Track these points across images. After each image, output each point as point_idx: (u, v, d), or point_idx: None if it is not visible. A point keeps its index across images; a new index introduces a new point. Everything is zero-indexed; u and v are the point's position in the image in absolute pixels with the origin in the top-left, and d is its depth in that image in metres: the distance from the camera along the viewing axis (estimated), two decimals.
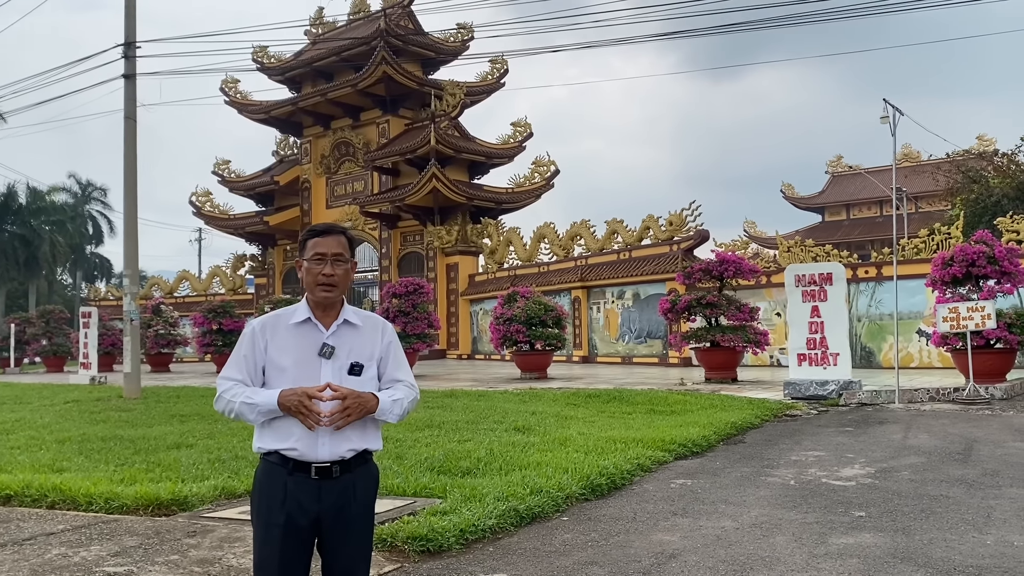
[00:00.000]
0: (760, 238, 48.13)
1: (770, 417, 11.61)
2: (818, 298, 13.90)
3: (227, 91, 39.51)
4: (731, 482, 7.24)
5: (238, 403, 2.75)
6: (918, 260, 19.73)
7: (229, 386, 2.80)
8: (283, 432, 2.75)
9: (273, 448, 2.76)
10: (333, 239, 2.86)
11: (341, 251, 2.85)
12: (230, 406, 2.77)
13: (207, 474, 7.41)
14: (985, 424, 10.71)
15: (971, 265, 14.48)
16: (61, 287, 66.66)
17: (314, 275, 2.82)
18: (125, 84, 18.17)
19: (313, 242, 2.85)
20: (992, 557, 4.81)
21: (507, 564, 4.86)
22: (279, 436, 2.75)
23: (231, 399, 2.77)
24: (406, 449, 8.54)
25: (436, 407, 12.99)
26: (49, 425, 11.85)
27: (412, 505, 6.08)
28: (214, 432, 10.42)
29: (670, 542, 5.30)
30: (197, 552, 5.09)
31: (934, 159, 45.91)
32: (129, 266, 17.93)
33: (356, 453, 2.79)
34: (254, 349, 2.84)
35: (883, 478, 7.28)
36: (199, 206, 41.64)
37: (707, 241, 25.17)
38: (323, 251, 2.83)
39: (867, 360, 20.84)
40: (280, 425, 2.76)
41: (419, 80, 35.23)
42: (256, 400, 2.73)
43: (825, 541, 5.25)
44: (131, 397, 16.46)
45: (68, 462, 8.31)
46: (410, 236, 35.82)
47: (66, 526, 5.83)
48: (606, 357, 26.85)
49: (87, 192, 63.05)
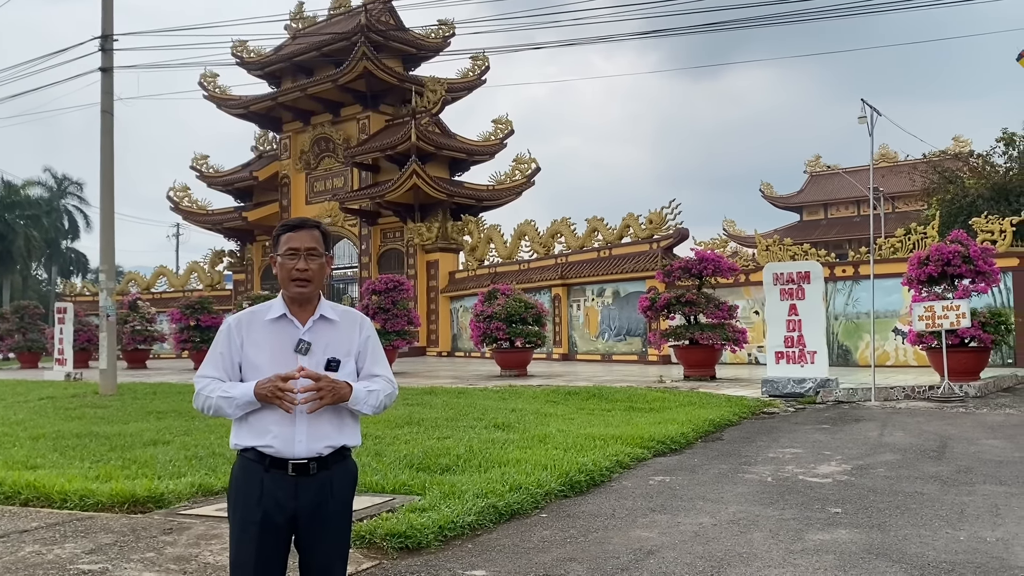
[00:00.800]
0: (739, 237, 48.46)
1: (748, 414, 11.69)
2: (796, 296, 14.00)
3: (206, 85, 39.21)
4: (709, 479, 7.28)
5: (215, 398, 2.73)
6: (895, 259, 19.94)
7: (206, 383, 2.79)
8: (260, 428, 2.73)
9: (250, 445, 2.74)
10: (306, 233, 2.82)
11: (315, 245, 2.82)
12: (208, 402, 2.76)
13: (184, 471, 7.35)
14: (959, 422, 10.84)
15: (946, 264, 14.64)
16: (36, 282, 65.87)
17: (288, 270, 2.79)
18: (102, 77, 17.97)
19: (286, 237, 2.82)
20: (965, 553, 4.87)
21: (486, 561, 4.86)
22: (256, 432, 2.74)
23: (208, 395, 2.75)
24: (385, 446, 8.51)
25: (416, 404, 12.96)
26: (23, 422, 11.71)
27: (391, 502, 6.06)
28: (191, 429, 10.34)
29: (648, 538, 5.32)
30: (173, 550, 5.04)
31: (911, 159, 46.42)
32: (106, 261, 17.74)
33: (333, 449, 2.77)
34: (230, 346, 2.82)
35: (859, 475, 7.35)
36: (177, 201, 41.30)
37: (687, 240, 25.32)
38: (296, 246, 2.80)
39: (844, 358, 21.03)
40: (257, 421, 2.74)
41: (400, 76, 35.13)
42: (233, 393, 2.72)
43: (802, 537, 5.29)
44: (107, 393, 16.30)
45: (42, 459, 8.21)
46: (390, 233, 35.72)
47: (40, 523, 5.76)
48: (586, 355, 26.92)
49: (63, 186, 62.36)
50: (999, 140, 30.39)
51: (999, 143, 30.44)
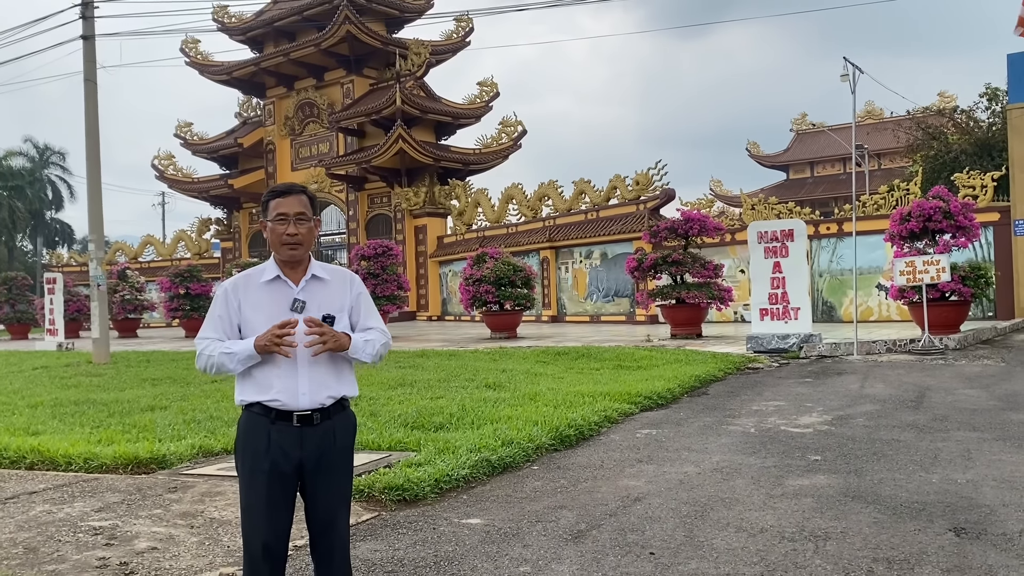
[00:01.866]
0: (726, 196, 48.57)
1: (733, 370, 11.95)
2: (780, 254, 14.21)
3: (187, 51, 38.77)
4: (694, 431, 7.53)
5: (217, 355, 2.89)
6: (878, 216, 20.17)
7: (207, 344, 2.94)
8: (264, 384, 2.89)
9: (256, 399, 2.90)
10: (294, 198, 2.96)
11: (303, 210, 2.95)
12: (211, 360, 2.91)
13: (183, 434, 7.54)
14: (938, 373, 11.14)
15: (927, 220, 14.88)
16: (21, 253, 65.42)
17: (278, 235, 2.93)
18: (84, 45, 17.84)
19: (275, 203, 2.96)
20: (936, 494, 5.12)
21: (480, 510, 5.08)
22: (260, 388, 2.90)
23: (211, 354, 2.91)
24: (380, 407, 8.72)
25: (408, 367, 13.16)
26: (20, 391, 11.85)
27: (388, 458, 6.27)
28: (187, 395, 10.52)
29: (635, 487, 5.55)
30: (179, 506, 5.24)
31: (896, 116, 46.52)
32: (94, 231, 17.77)
33: (335, 400, 2.95)
34: (228, 308, 2.96)
35: (839, 425, 7.61)
36: (162, 170, 41.04)
37: (673, 200, 25.45)
38: (285, 211, 2.93)
39: (828, 315, 21.35)
40: (262, 377, 2.90)
41: (383, 39, 34.83)
42: (234, 349, 2.87)
43: (782, 483, 5.53)
44: (101, 362, 16.43)
45: (43, 425, 8.38)
46: (377, 198, 35.68)
47: (47, 485, 5.95)
48: (575, 316, 27.18)
49: (45, 156, 61.70)
50: (982, 95, 30.53)
51: (982, 98, 30.58)
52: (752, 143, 56.71)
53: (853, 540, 4.26)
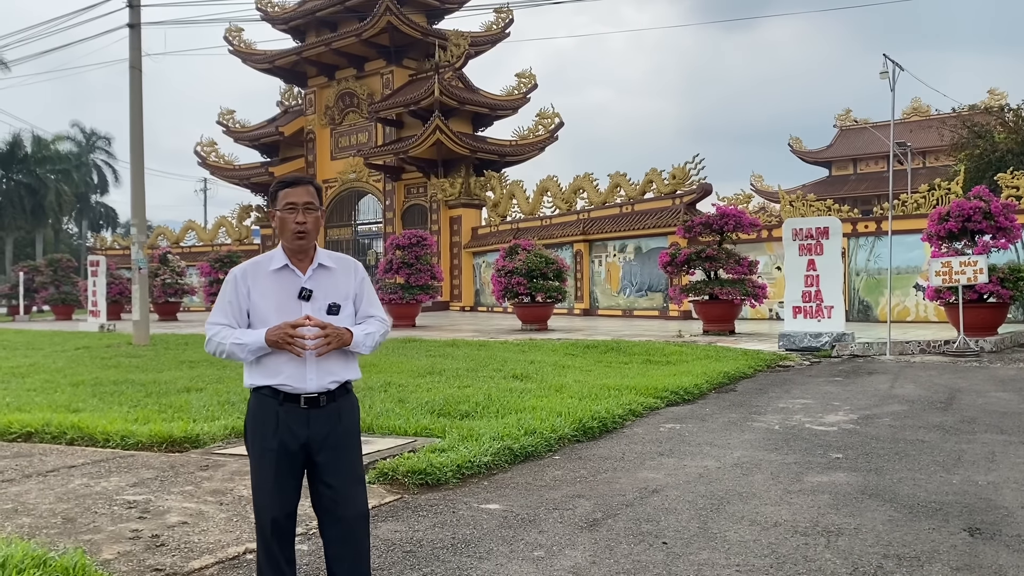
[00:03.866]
0: (767, 192, 48.09)
1: (763, 367, 11.93)
2: (814, 252, 14.12)
3: (231, 40, 39.33)
4: (718, 427, 7.57)
5: (228, 344, 3.00)
6: (917, 215, 19.88)
7: (218, 330, 3.06)
8: (273, 369, 3.02)
9: (265, 384, 3.03)
10: (302, 189, 3.08)
11: (310, 200, 3.07)
12: (220, 347, 3.04)
13: (217, 415, 7.75)
14: (971, 375, 11.02)
15: (967, 220, 14.66)
16: (67, 236, 67.04)
17: (288, 224, 3.05)
18: (130, 33, 18.22)
19: (284, 193, 3.07)
20: (955, 494, 5.12)
21: (500, 496, 5.19)
22: (269, 373, 3.02)
23: (221, 341, 3.03)
24: (408, 394, 8.87)
25: (438, 356, 13.33)
26: (62, 369, 12.22)
27: (413, 444, 6.41)
28: (223, 377, 10.77)
29: (654, 479, 5.62)
30: (210, 484, 5.43)
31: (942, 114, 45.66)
32: (136, 215, 18.18)
33: (339, 384, 3.09)
34: (237, 295, 3.08)
35: (864, 424, 7.59)
36: (204, 156, 41.71)
37: (710, 195, 25.29)
38: (294, 201, 3.05)
39: (865, 314, 21.12)
40: (270, 363, 3.02)
41: (423, 30, 35.02)
42: (245, 340, 2.99)
43: (800, 479, 5.57)
44: (140, 344, 16.84)
45: (83, 403, 8.66)
46: (414, 188, 35.94)
47: (86, 460, 6.18)
48: (607, 310, 27.17)
49: (91, 141, 63.12)
50: None
51: None
52: (795, 139, 56.03)
53: (866, 536, 4.29)
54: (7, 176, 53.39)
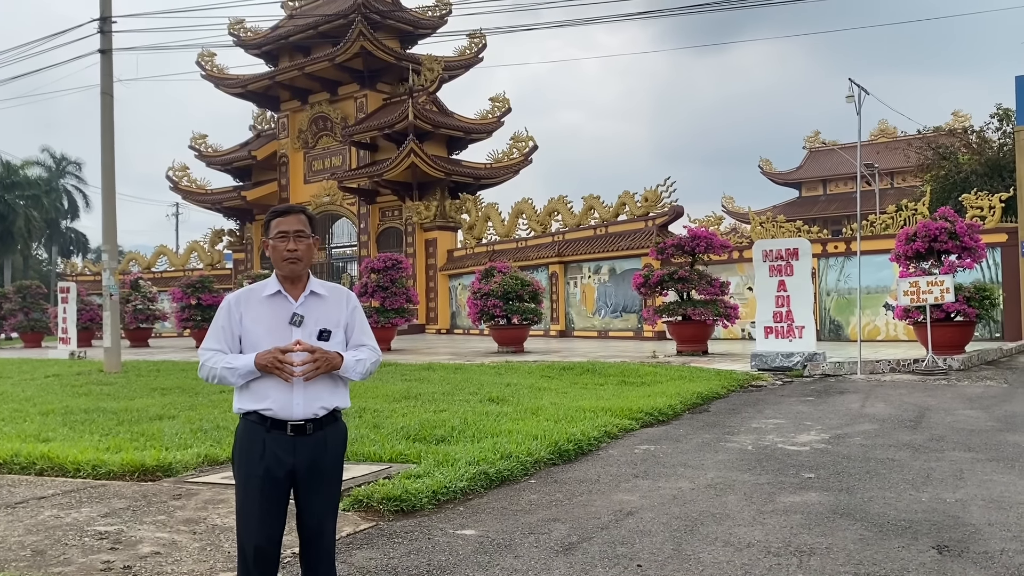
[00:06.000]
0: (738, 213, 48.66)
1: (736, 388, 12.03)
2: (784, 272, 14.30)
3: (203, 64, 39.24)
4: (692, 448, 7.62)
5: (220, 368, 3.05)
6: (885, 235, 20.22)
7: (210, 355, 3.10)
8: (260, 394, 3.05)
9: (252, 408, 3.07)
10: (293, 217, 3.15)
11: (302, 228, 3.14)
12: (212, 372, 3.08)
13: (190, 443, 7.68)
14: (940, 393, 11.19)
15: (933, 240, 14.94)
16: (36, 262, 66.13)
17: (279, 251, 3.12)
18: (101, 59, 18.15)
19: (276, 222, 3.15)
20: (924, 512, 5.21)
21: (475, 521, 5.19)
22: (256, 398, 3.06)
23: (213, 366, 3.07)
24: (383, 419, 8.85)
25: (414, 379, 13.30)
26: (32, 398, 12.04)
27: (388, 470, 6.40)
28: (195, 404, 10.68)
29: (629, 501, 5.66)
30: (183, 513, 5.38)
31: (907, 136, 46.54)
32: (108, 241, 18.02)
33: (327, 411, 3.11)
34: (230, 320, 3.13)
35: (836, 443, 7.69)
36: (176, 181, 41.45)
37: (682, 217, 25.55)
38: (285, 229, 3.12)
39: (836, 333, 21.38)
40: (258, 388, 3.06)
41: (397, 54, 35.19)
42: (235, 364, 3.03)
43: (773, 500, 5.63)
44: (112, 371, 16.63)
45: (53, 432, 8.54)
46: (389, 211, 35.94)
47: (56, 491, 6.10)
48: (583, 331, 27.27)
49: (61, 166, 62.43)
50: (993, 116, 30.57)
51: (993, 119, 30.62)
52: (765, 160, 56.82)
53: (837, 556, 4.35)
54: None
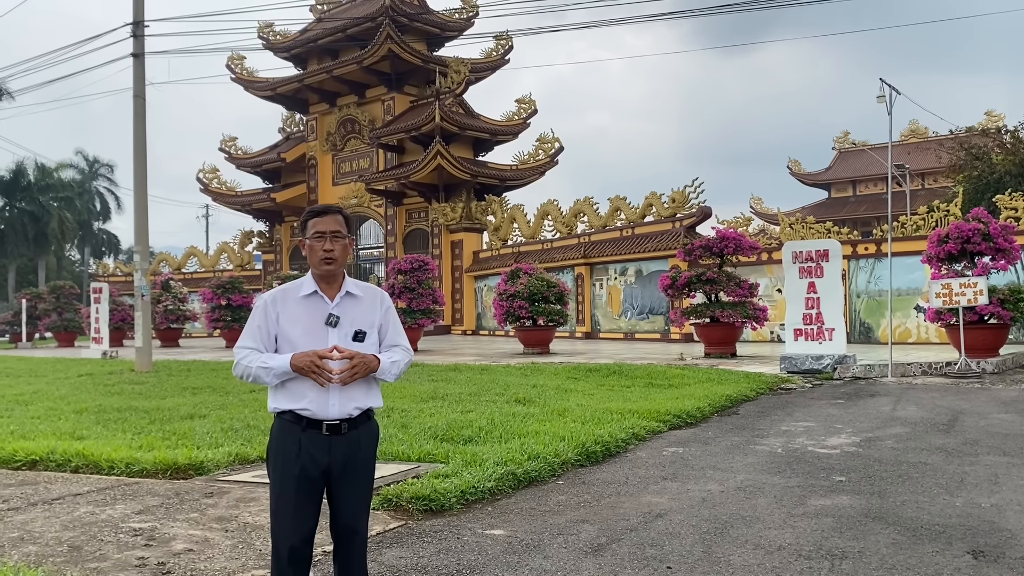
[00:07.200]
0: (766, 215, 48.28)
1: (765, 390, 11.93)
2: (815, 274, 14.17)
3: (233, 68, 39.65)
4: (721, 450, 7.58)
5: (255, 367, 3.07)
6: (917, 237, 19.95)
7: (245, 354, 3.13)
8: (297, 394, 3.08)
9: (288, 408, 3.09)
10: (331, 218, 3.18)
11: (338, 228, 3.17)
12: (247, 371, 3.10)
13: (221, 442, 7.77)
14: (973, 397, 11.02)
15: (966, 242, 14.73)
16: (69, 263, 67.20)
17: (316, 252, 3.15)
18: (134, 63, 18.41)
19: (313, 222, 3.18)
20: (958, 517, 5.14)
21: (504, 522, 5.20)
22: (293, 397, 3.09)
23: (248, 364, 3.10)
24: (411, 419, 8.89)
25: (440, 380, 13.34)
26: (66, 396, 12.24)
27: (416, 469, 6.43)
28: (226, 403, 10.79)
29: (658, 503, 5.64)
30: (215, 511, 5.44)
31: (938, 136, 45.93)
32: (139, 242, 18.27)
33: (361, 411, 3.14)
34: (267, 320, 3.16)
35: (867, 447, 7.60)
36: (206, 183, 41.92)
37: (709, 218, 25.40)
38: (322, 229, 3.15)
39: (866, 336, 21.13)
40: (294, 388, 3.09)
41: (424, 57, 35.33)
42: (271, 364, 3.06)
43: (804, 503, 5.58)
44: (143, 370, 16.85)
45: (87, 431, 8.68)
46: (415, 213, 36.09)
47: (91, 488, 6.20)
48: (609, 333, 27.19)
49: (94, 169, 63.48)
50: None
51: None
52: (793, 161, 56.32)
53: (869, 560, 4.31)
54: (10, 204, 53.61)
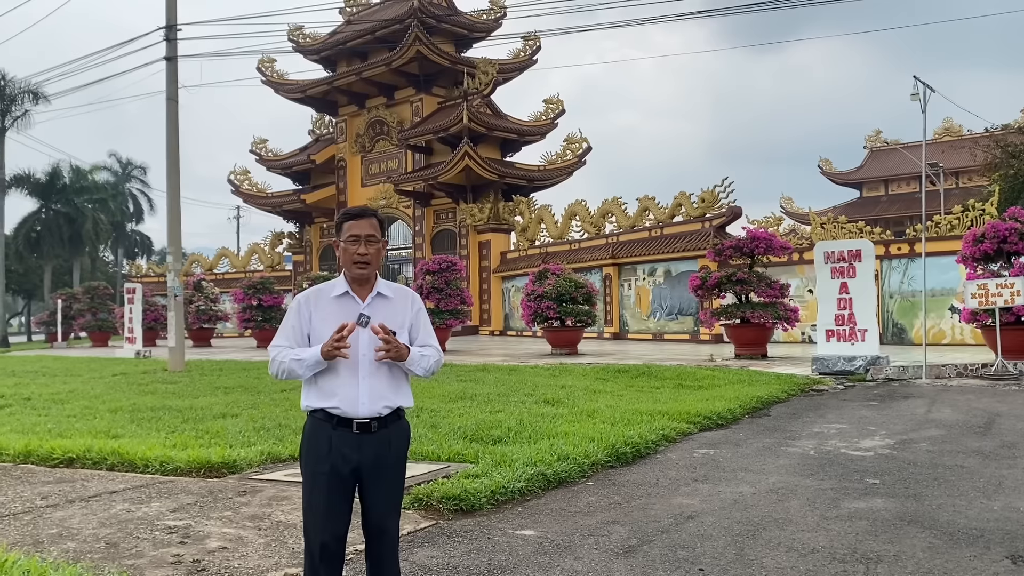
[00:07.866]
0: (797, 214, 47.76)
1: (796, 392, 11.82)
2: (847, 275, 14.01)
3: (263, 70, 40.04)
4: (752, 452, 7.52)
5: (288, 361, 3.15)
6: (951, 237, 19.65)
7: (279, 351, 3.21)
8: (327, 391, 3.14)
9: (319, 406, 3.15)
10: (366, 221, 3.22)
11: (373, 232, 3.21)
12: (282, 366, 3.17)
13: (253, 440, 7.85)
14: (1010, 399, 10.83)
15: (1003, 242, 14.47)
16: (103, 264, 68.19)
17: (350, 254, 3.19)
18: (167, 66, 18.66)
19: (348, 225, 3.22)
20: (996, 521, 5.05)
21: (534, 522, 5.20)
22: (324, 395, 3.14)
23: (282, 360, 3.17)
24: (440, 419, 8.92)
25: (469, 380, 13.37)
26: (101, 396, 12.43)
27: (446, 469, 6.45)
28: (258, 403, 10.90)
29: (689, 505, 5.60)
30: (248, 509, 5.50)
31: (973, 134, 45.20)
32: (172, 243, 18.51)
33: (391, 410, 3.17)
34: (300, 319, 3.22)
35: (901, 449, 7.50)
36: (237, 184, 42.38)
37: (740, 218, 25.20)
38: (357, 232, 3.19)
39: (899, 336, 20.85)
40: (325, 385, 3.14)
41: (452, 58, 35.42)
42: (303, 356, 3.13)
43: (837, 505, 5.52)
44: (176, 370, 17.08)
45: (122, 429, 8.82)
46: (443, 214, 36.20)
47: (127, 485, 6.29)
48: (637, 334, 27.07)
49: (127, 171, 64.36)
50: None
51: None
52: (824, 160, 55.69)
53: (905, 564, 4.25)
54: (46, 206, 54.51)
